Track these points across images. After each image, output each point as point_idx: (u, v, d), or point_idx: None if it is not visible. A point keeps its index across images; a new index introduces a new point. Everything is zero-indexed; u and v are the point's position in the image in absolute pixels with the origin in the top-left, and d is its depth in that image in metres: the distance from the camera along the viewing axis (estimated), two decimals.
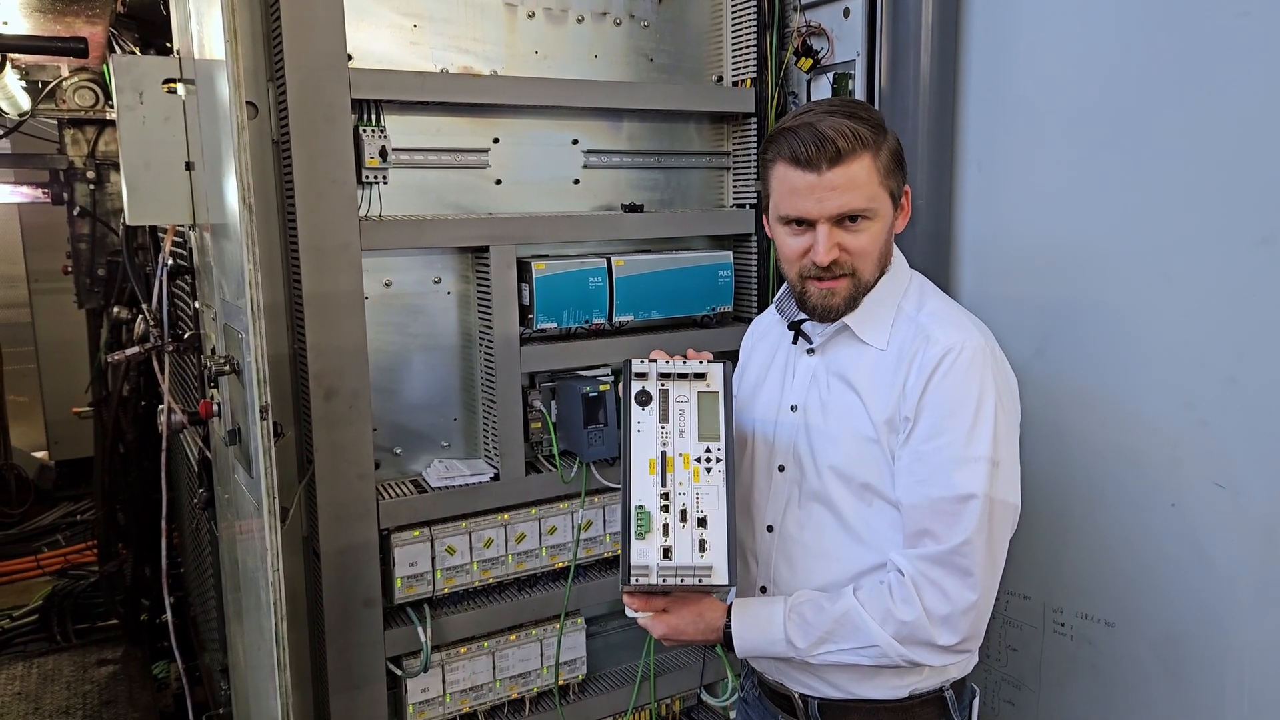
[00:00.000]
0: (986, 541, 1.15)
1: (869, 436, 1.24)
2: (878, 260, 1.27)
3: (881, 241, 1.26)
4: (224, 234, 1.60)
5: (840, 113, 1.21)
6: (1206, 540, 1.45)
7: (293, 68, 1.57)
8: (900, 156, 1.26)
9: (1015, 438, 1.22)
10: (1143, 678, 1.55)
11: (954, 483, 1.15)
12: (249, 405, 1.48)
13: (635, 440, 1.19)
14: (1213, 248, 1.41)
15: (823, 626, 1.22)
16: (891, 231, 1.29)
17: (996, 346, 1.24)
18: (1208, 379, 1.43)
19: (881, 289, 1.29)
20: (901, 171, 1.26)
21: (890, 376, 1.23)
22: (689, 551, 1.13)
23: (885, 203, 1.24)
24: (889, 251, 1.30)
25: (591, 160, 2.01)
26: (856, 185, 1.20)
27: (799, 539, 1.33)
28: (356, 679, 1.73)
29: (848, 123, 1.19)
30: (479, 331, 1.88)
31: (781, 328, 1.41)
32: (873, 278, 1.27)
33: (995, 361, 1.21)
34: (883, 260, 1.28)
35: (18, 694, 3.00)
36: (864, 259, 1.25)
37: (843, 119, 1.20)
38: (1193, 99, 1.43)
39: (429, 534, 1.80)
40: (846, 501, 1.27)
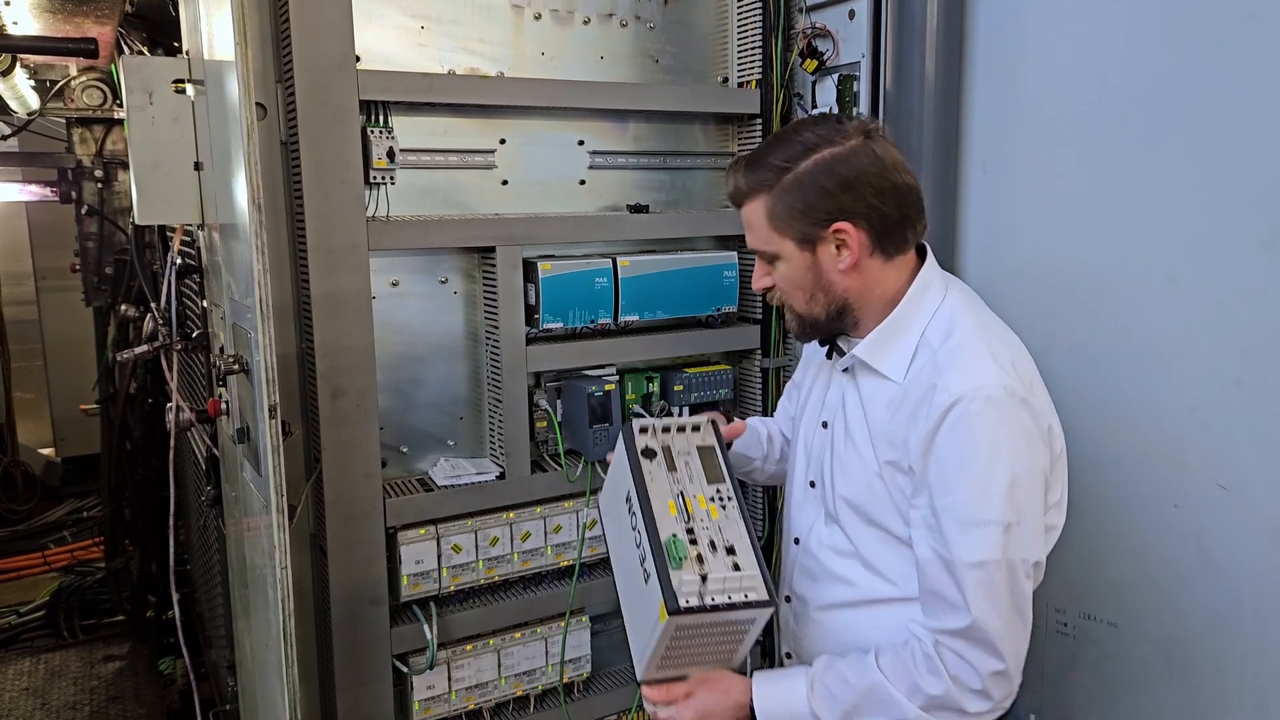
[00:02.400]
0: (1006, 606, 1.10)
1: (874, 472, 1.20)
2: (806, 297, 1.22)
3: (799, 279, 1.21)
4: (233, 234, 1.61)
5: (751, 154, 1.23)
6: (1210, 541, 1.45)
7: (301, 69, 1.58)
8: (810, 196, 1.16)
9: (1038, 489, 1.13)
10: (1146, 678, 1.56)
11: (964, 548, 1.09)
12: (257, 404, 1.49)
13: (651, 487, 1.22)
14: (1218, 250, 1.42)
15: (849, 700, 1.17)
16: (816, 269, 1.20)
17: (1021, 385, 1.13)
18: (1212, 381, 1.43)
19: (896, 320, 1.20)
20: (812, 212, 1.17)
21: (902, 414, 1.17)
22: (725, 574, 1.14)
23: (783, 245, 1.19)
24: (830, 289, 1.21)
25: (597, 161, 2.02)
26: (751, 227, 1.22)
27: (820, 557, 1.30)
28: (363, 676, 1.74)
29: (743, 173, 1.21)
30: (485, 331, 1.89)
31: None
32: (812, 311, 1.23)
33: (1015, 406, 1.11)
34: (818, 298, 1.22)
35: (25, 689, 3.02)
36: (787, 294, 1.24)
37: (744, 163, 1.22)
38: (1198, 101, 1.43)
39: (435, 532, 1.81)
40: (858, 531, 1.24)
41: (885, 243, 1.18)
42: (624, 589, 1.27)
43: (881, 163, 1.15)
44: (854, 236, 1.17)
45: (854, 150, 1.15)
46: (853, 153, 1.15)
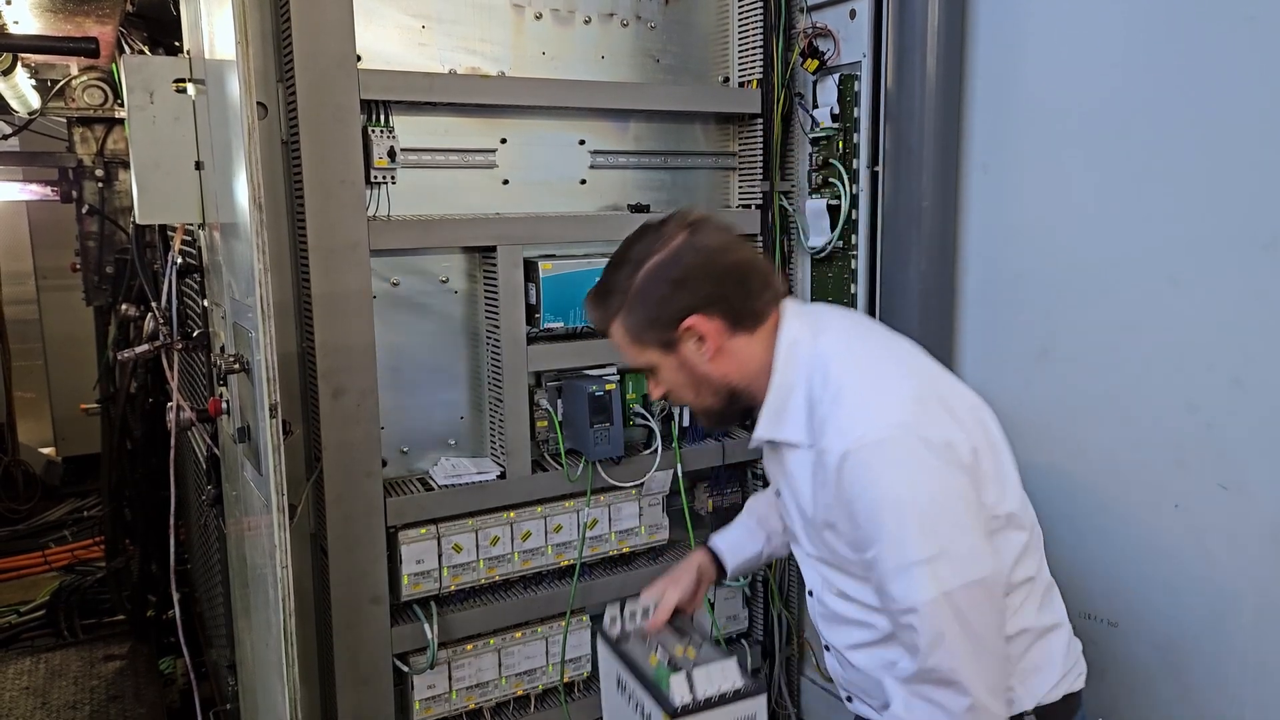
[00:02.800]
0: (958, 638, 1.07)
1: (821, 535, 1.22)
2: (694, 393, 1.26)
3: (679, 380, 1.25)
4: (234, 233, 1.61)
5: (595, 287, 1.29)
6: (1211, 541, 1.45)
7: (302, 68, 1.58)
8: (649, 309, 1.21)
9: (954, 510, 1.10)
10: (1146, 679, 1.56)
11: (898, 595, 1.09)
12: (258, 403, 1.49)
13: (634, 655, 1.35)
14: (1218, 251, 1.42)
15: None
16: (688, 367, 1.24)
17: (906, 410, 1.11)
18: (1213, 381, 1.43)
19: (779, 387, 1.22)
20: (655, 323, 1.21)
21: (815, 478, 1.18)
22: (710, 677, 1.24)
23: (650, 356, 1.25)
24: (710, 379, 1.24)
25: (598, 160, 2.02)
26: (620, 350, 1.28)
27: (829, 604, 1.30)
28: (363, 675, 1.74)
29: (594, 308, 1.29)
30: (486, 331, 1.89)
31: None
32: (706, 402, 1.27)
33: (902, 438, 1.09)
34: (706, 388, 1.25)
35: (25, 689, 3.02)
36: (677, 397, 1.29)
37: (592, 297, 1.29)
38: (1199, 102, 1.43)
39: (436, 532, 1.81)
40: (840, 579, 1.24)
41: (739, 321, 1.21)
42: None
43: (706, 252, 1.20)
44: (706, 327, 1.20)
45: (677, 250, 1.20)
46: (676, 253, 1.20)
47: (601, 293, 1.26)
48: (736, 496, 2.17)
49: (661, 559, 2.10)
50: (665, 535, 2.08)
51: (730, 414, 1.29)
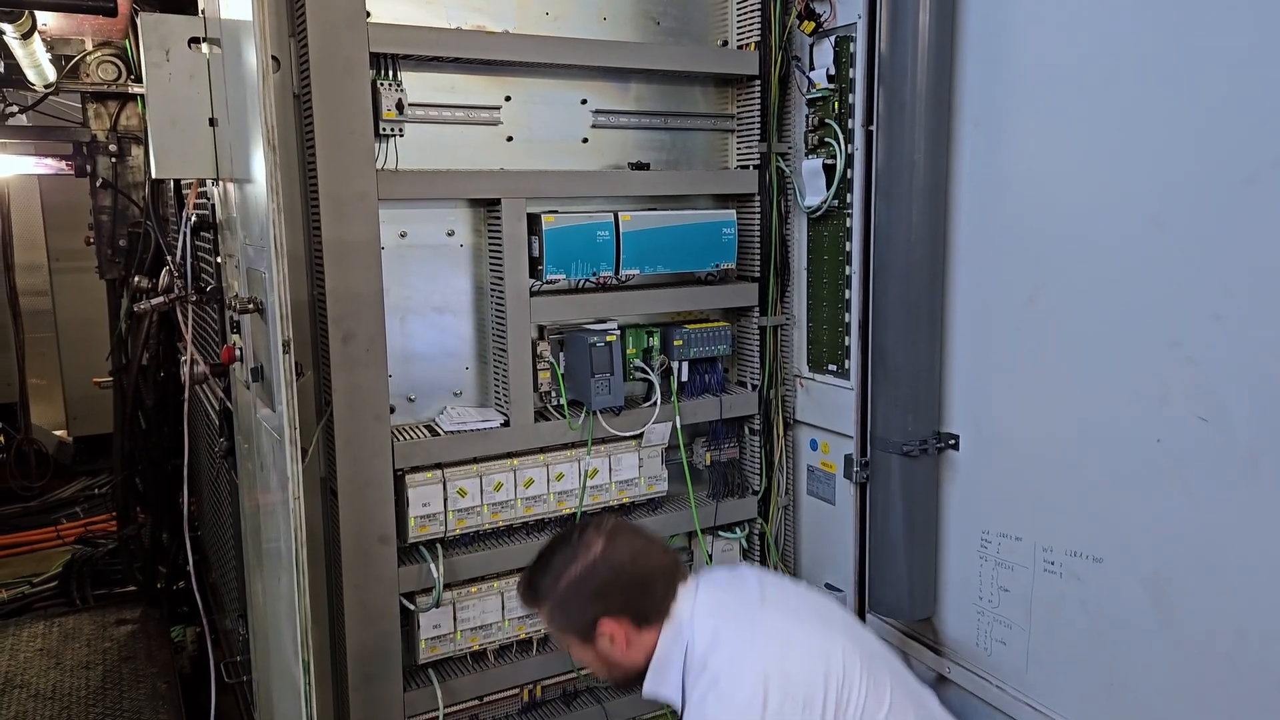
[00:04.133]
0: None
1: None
2: (609, 670, 1.51)
3: (595, 664, 1.51)
4: (248, 181, 1.67)
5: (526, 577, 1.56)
6: (1191, 474, 1.50)
7: (314, 22, 1.64)
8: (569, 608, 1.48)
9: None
10: (1131, 611, 1.60)
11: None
12: (272, 341, 1.55)
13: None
14: (1199, 190, 1.46)
15: None
16: (604, 655, 1.49)
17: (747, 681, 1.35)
18: (1194, 317, 1.47)
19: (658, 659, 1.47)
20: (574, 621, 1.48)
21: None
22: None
23: (570, 642, 1.51)
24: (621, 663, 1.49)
25: (600, 120, 2.07)
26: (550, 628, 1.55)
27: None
28: (371, 612, 1.80)
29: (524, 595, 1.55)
30: (490, 283, 1.95)
31: None
32: (614, 675, 1.52)
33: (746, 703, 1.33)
34: (619, 665, 1.49)
35: (40, 650, 3.09)
36: (595, 672, 1.54)
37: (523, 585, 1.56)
38: (1181, 50, 1.47)
39: (441, 476, 1.87)
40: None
41: (644, 620, 1.47)
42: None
43: (617, 567, 1.45)
44: (615, 628, 1.46)
45: (593, 565, 1.45)
46: (592, 568, 1.45)
47: (530, 591, 1.52)
48: (734, 451, 2.22)
49: (660, 510, 2.16)
50: (664, 487, 2.14)
51: (634, 683, 1.53)
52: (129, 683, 2.88)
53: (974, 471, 1.88)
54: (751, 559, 2.30)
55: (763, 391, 2.21)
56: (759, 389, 2.21)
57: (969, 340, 1.88)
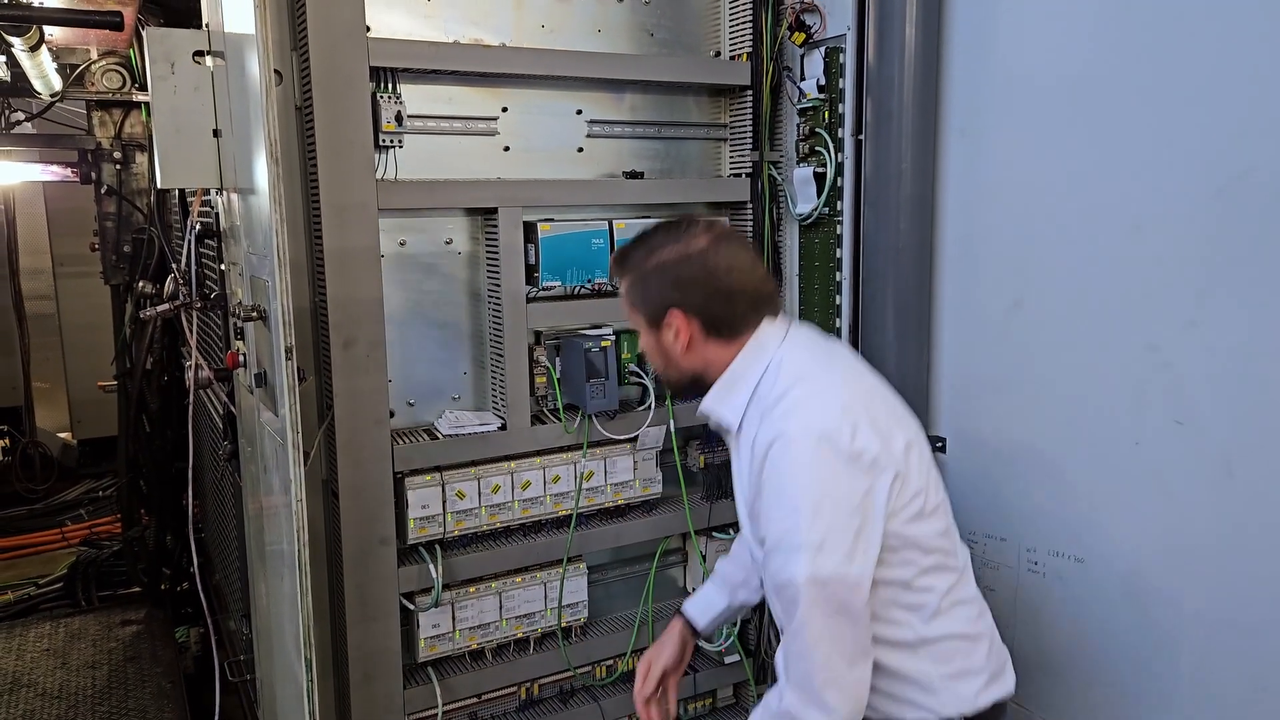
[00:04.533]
0: (821, 619, 1.21)
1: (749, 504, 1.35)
2: (661, 365, 1.43)
3: (651, 349, 1.43)
4: (251, 192, 1.72)
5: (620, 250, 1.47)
6: (1169, 475, 1.54)
7: (315, 37, 1.69)
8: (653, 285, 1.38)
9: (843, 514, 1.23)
10: (1110, 610, 1.65)
11: (776, 570, 1.24)
12: (274, 347, 1.59)
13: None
14: (1175, 199, 1.51)
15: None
16: (663, 347, 1.40)
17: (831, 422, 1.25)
18: (1170, 322, 1.52)
19: (730, 376, 1.37)
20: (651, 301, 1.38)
21: (745, 460, 1.34)
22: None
23: (637, 322, 1.43)
24: (678, 363, 1.40)
25: (595, 130, 2.11)
26: (622, 306, 1.47)
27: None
28: (372, 612, 1.84)
29: (613, 266, 1.48)
30: (488, 290, 2.00)
31: None
32: (669, 376, 1.44)
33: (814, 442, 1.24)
34: (676, 367, 1.40)
35: (46, 650, 3.14)
36: (650, 361, 1.47)
37: (615, 256, 1.48)
38: (1157, 65, 1.52)
39: (440, 479, 1.91)
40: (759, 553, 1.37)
41: (717, 331, 1.37)
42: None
43: (713, 269, 1.35)
44: (684, 325, 1.37)
45: (688, 256, 1.35)
46: (686, 258, 1.36)
47: (620, 258, 1.45)
48: (727, 454, 2.26)
49: (655, 512, 2.20)
50: (659, 489, 2.18)
51: (687, 390, 1.46)
52: (134, 682, 2.93)
53: (960, 473, 1.92)
54: None
55: None
56: None
57: (955, 345, 1.92)
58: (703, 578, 2.27)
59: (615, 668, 2.17)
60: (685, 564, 2.33)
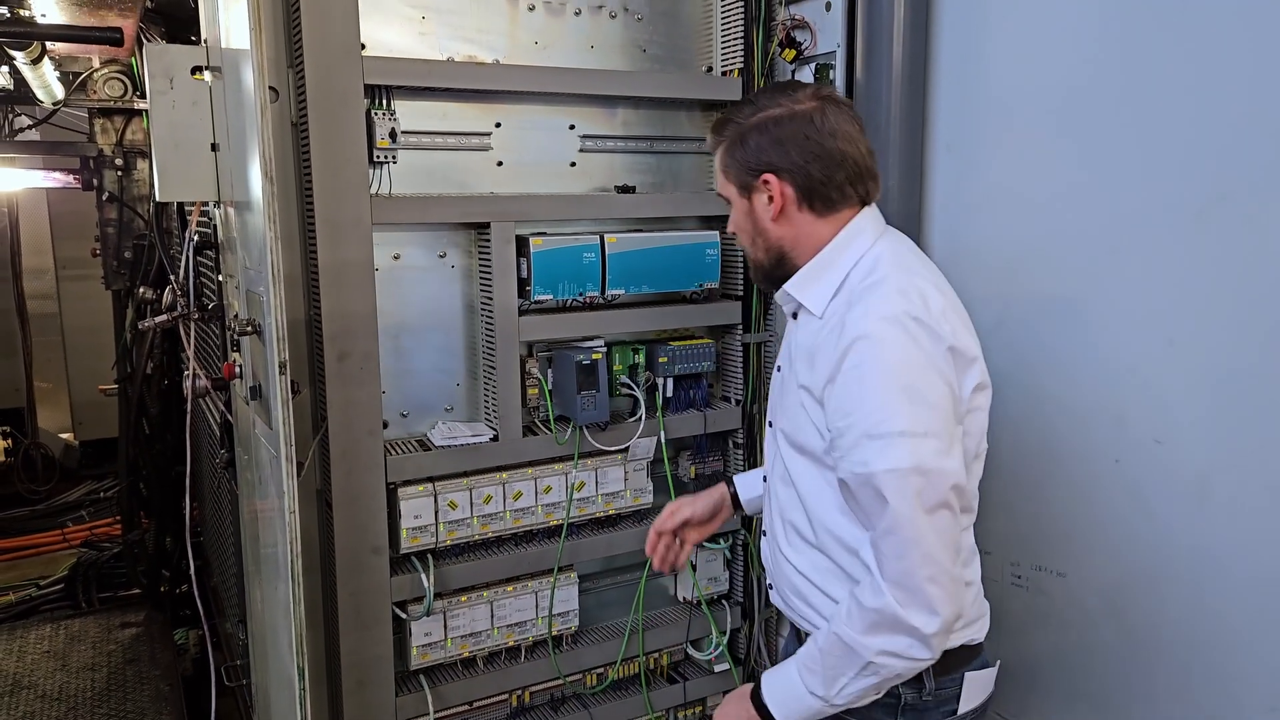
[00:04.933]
0: (923, 513, 1.14)
1: (799, 401, 1.31)
2: (750, 240, 1.36)
3: (743, 224, 1.36)
4: (248, 207, 1.75)
5: (724, 113, 1.37)
6: (1148, 493, 1.56)
7: (311, 55, 1.71)
8: (749, 147, 1.30)
9: (944, 404, 1.19)
10: (1091, 624, 1.67)
11: (868, 459, 1.16)
12: (269, 362, 1.62)
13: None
14: (1155, 221, 1.53)
15: (823, 664, 1.22)
16: (753, 216, 1.33)
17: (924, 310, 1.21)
18: (1149, 342, 1.54)
19: (819, 262, 1.31)
20: (747, 163, 1.30)
21: (818, 345, 1.27)
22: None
23: (729, 190, 1.36)
24: (767, 234, 1.33)
25: (588, 144, 2.14)
26: (716, 174, 1.38)
27: (776, 490, 1.43)
28: (365, 620, 1.87)
29: (712, 129, 1.37)
30: (480, 303, 2.02)
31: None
32: (760, 255, 1.36)
33: (910, 325, 1.19)
34: (763, 241, 1.34)
35: (46, 652, 3.17)
36: (739, 238, 1.39)
37: (715, 121, 1.37)
38: (1141, 89, 1.54)
39: (433, 489, 1.94)
40: (789, 454, 1.36)
41: (813, 199, 1.29)
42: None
43: (819, 129, 1.26)
44: (778, 188, 1.29)
45: (793, 114, 1.28)
46: (791, 116, 1.28)
47: (722, 120, 1.36)
48: (718, 464, 2.29)
49: (645, 521, 2.22)
50: (649, 499, 2.20)
51: (776, 276, 1.36)
52: (133, 685, 2.96)
53: None
54: (735, 570, 2.36)
55: (746, 406, 2.27)
56: (742, 404, 2.28)
57: None
58: (693, 587, 2.30)
59: (605, 676, 2.19)
60: (676, 573, 2.36)
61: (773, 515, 1.45)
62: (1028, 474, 1.76)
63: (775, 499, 1.43)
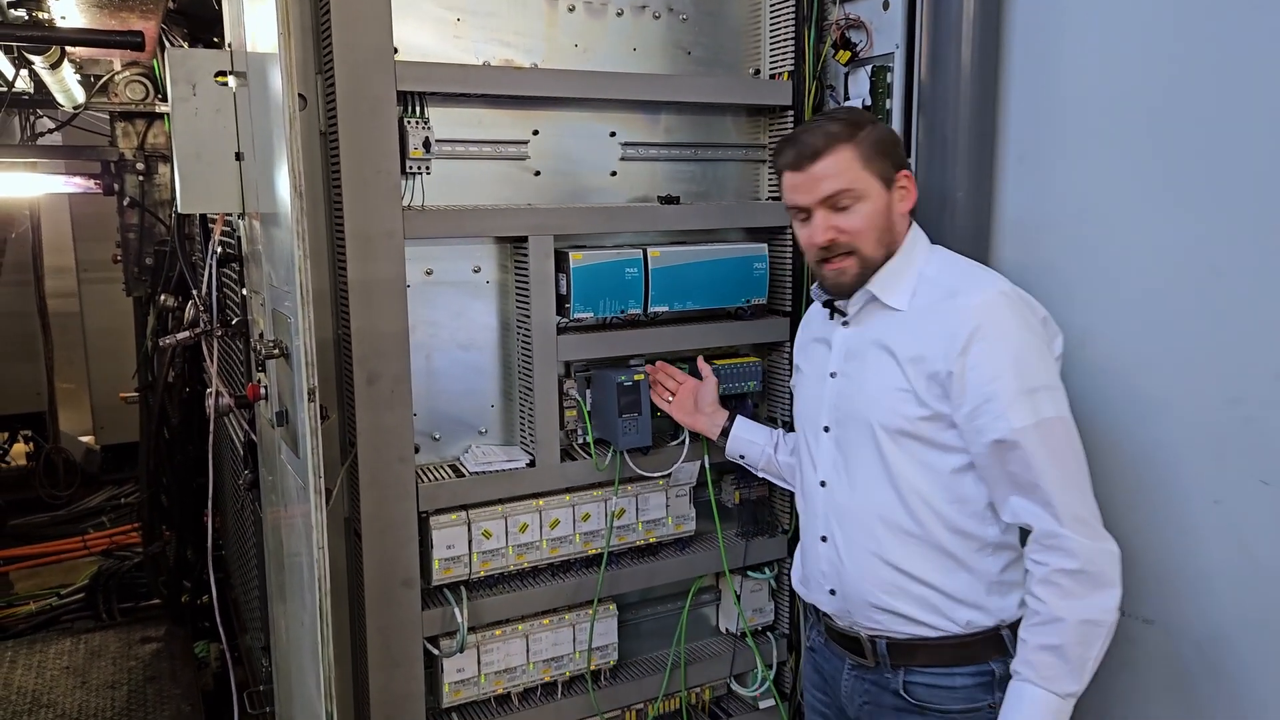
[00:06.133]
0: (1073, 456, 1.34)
1: (901, 387, 1.42)
2: (877, 237, 1.46)
3: (878, 220, 1.45)
4: (274, 222, 1.65)
5: (822, 119, 1.51)
6: (1252, 538, 1.43)
7: (341, 60, 1.61)
8: (885, 145, 1.46)
9: (1055, 363, 1.41)
10: (1184, 677, 1.54)
11: (1024, 415, 1.31)
12: (297, 388, 1.52)
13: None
14: (1259, 240, 1.39)
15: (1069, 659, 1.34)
16: (889, 210, 1.47)
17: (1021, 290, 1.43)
18: (1255, 374, 1.41)
19: (900, 259, 1.48)
20: (889, 158, 1.46)
21: (918, 332, 1.41)
22: None
23: (870, 184, 1.44)
24: (892, 229, 1.48)
25: (629, 152, 2.03)
26: (837, 172, 1.44)
27: (846, 491, 1.53)
28: (395, 656, 1.77)
29: (823, 126, 1.46)
30: (517, 320, 1.91)
31: (824, 311, 1.63)
32: (876, 253, 1.47)
33: (1018, 298, 1.40)
34: (885, 237, 1.47)
35: (66, 668, 3.12)
36: (861, 237, 1.45)
37: (818, 124, 1.49)
38: (1240, 91, 1.40)
39: (466, 517, 1.83)
40: (887, 449, 1.44)
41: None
42: None
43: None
44: (910, 186, 1.49)
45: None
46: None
47: (843, 119, 1.47)
48: (763, 489, 2.17)
49: (688, 550, 2.11)
50: (692, 527, 2.09)
51: (869, 273, 1.48)
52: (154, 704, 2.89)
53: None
54: (780, 601, 2.24)
55: (793, 427, 2.15)
56: (789, 425, 2.16)
57: None
58: (737, 618, 2.18)
59: (645, 713, 2.08)
60: (719, 603, 2.24)
61: (841, 520, 1.53)
62: (1111, 510, 1.62)
63: (848, 500, 1.52)
